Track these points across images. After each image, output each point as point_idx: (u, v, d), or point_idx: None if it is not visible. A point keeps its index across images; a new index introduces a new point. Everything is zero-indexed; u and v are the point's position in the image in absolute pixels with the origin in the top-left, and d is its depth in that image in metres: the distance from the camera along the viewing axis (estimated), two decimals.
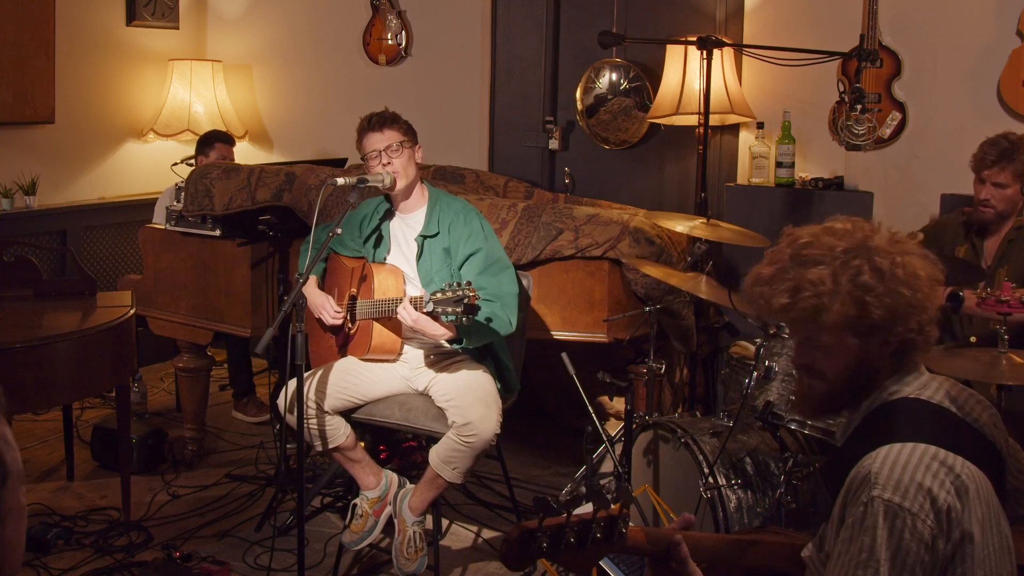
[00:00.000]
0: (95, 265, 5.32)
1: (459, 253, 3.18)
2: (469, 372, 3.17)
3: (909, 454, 1.58)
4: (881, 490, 1.55)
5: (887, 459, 1.58)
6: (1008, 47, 3.85)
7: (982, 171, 3.32)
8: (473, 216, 3.24)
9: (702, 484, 3.01)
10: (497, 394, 3.15)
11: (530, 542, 1.53)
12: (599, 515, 1.58)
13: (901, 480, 1.55)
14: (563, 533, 1.55)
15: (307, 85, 5.67)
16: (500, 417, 3.07)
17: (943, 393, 1.71)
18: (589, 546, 1.59)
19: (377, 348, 3.23)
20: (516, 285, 3.19)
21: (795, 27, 4.26)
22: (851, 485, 1.61)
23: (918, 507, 1.53)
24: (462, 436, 3.01)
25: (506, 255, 3.27)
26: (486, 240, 3.21)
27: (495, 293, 3.10)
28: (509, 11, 5.05)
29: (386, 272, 3.27)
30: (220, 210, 3.97)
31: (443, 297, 2.81)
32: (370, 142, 3.24)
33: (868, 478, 1.58)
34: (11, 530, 1.19)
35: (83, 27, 5.29)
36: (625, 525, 1.62)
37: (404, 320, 2.98)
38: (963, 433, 1.67)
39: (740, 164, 4.47)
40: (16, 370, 3.18)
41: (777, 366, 3.10)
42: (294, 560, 3.13)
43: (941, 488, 1.55)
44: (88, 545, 3.48)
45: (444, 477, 3.09)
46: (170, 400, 5.02)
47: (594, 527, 1.58)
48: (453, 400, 3.08)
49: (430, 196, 3.30)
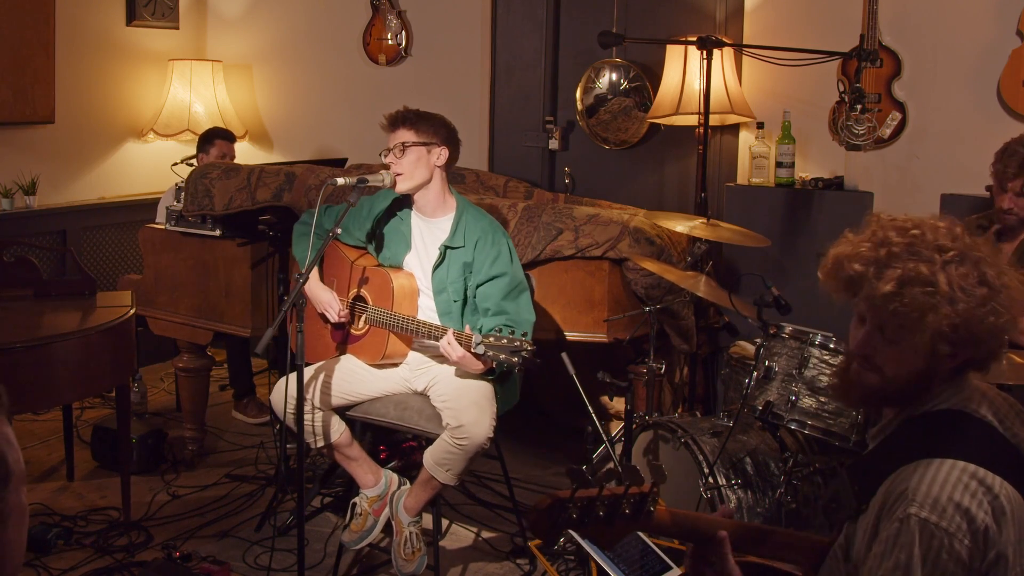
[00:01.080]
0: (95, 265, 5.32)
1: (482, 272, 3.17)
2: (467, 375, 3.17)
3: (948, 472, 1.55)
4: (919, 508, 1.53)
5: (925, 476, 1.55)
6: (1008, 47, 3.85)
7: (1005, 182, 3.32)
8: (501, 236, 3.22)
9: (702, 484, 3.01)
10: (493, 398, 3.15)
11: (561, 511, 1.54)
12: (631, 491, 1.58)
13: (939, 499, 1.53)
14: (594, 506, 1.56)
15: (307, 85, 5.67)
16: (494, 421, 3.07)
17: (987, 406, 1.66)
18: (616, 521, 1.59)
19: (391, 355, 3.25)
20: (533, 311, 3.21)
21: (795, 27, 4.26)
22: (887, 498, 1.59)
23: (955, 527, 1.51)
24: (455, 438, 3.01)
25: (524, 277, 3.27)
26: (512, 263, 3.20)
27: (516, 320, 3.11)
28: (509, 11, 5.05)
29: (403, 277, 3.26)
30: (220, 210, 3.97)
31: (496, 343, 2.81)
32: (388, 139, 3.23)
33: (905, 494, 1.55)
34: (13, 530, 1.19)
35: (83, 27, 5.29)
36: (654, 504, 1.62)
37: (447, 355, 2.98)
38: (1003, 451, 1.63)
39: (740, 164, 4.47)
40: (16, 370, 3.17)
41: (777, 366, 3.10)
42: (294, 560, 3.13)
43: (979, 509, 1.53)
44: (88, 545, 3.48)
45: (438, 479, 3.09)
46: (170, 400, 5.02)
47: (624, 503, 1.58)
48: (449, 402, 3.08)
49: (457, 205, 3.27)
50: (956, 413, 1.64)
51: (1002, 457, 1.61)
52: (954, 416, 1.64)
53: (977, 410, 1.65)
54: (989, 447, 1.61)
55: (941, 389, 1.66)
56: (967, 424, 1.63)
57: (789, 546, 1.82)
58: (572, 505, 1.54)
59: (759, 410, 3.10)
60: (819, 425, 3.02)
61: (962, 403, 1.65)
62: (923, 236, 1.62)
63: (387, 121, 3.23)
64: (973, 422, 1.63)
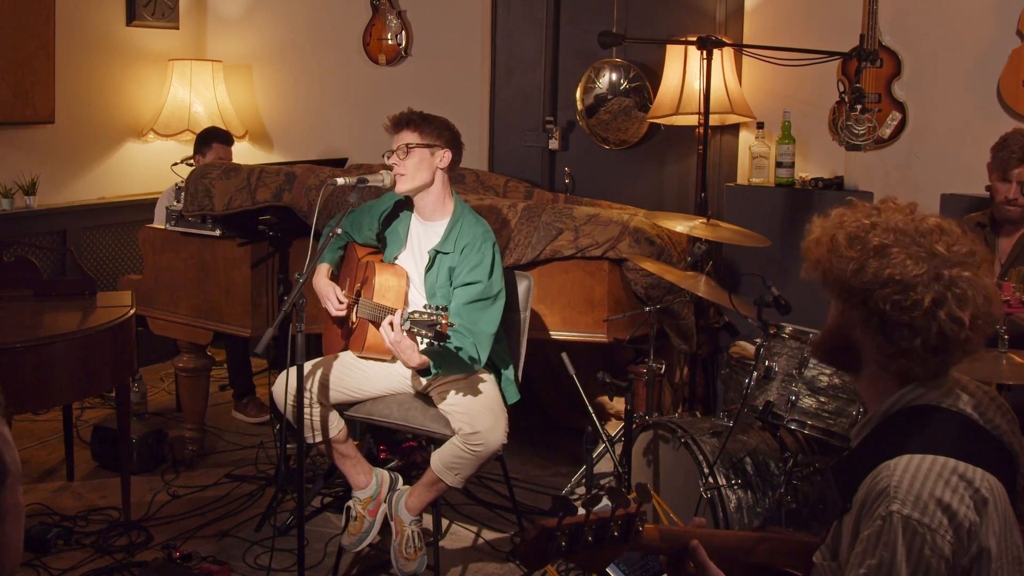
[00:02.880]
0: (95, 265, 5.32)
1: (459, 277, 3.17)
2: (476, 380, 3.17)
3: (929, 467, 1.56)
4: (900, 505, 1.53)
5: (906, 472, 1.56)
6: (1008, 47, 3.85)
7: (1009, 170, 3.29)
8: (488, 246, 3.20)
9: (702, 484, 3.01)
10: (503, 403, 3.16)
11: (548, 541, 1.53)
12: (617, 513, 1.58)
13: (920, 495, 1.53)
14: (582, 532, 1.55)
15: (307, 85, 5.67)
16: (507, 427, 3.09)
17: (966, 399, 1.67)
18: (606, 545, 1.59)
19: (371, 348, 3.24)
20: (496, 325, 3.16)
21: (795, 27, 4.26)
22: (868, 496, 1.59)
23: (937, 523, 1.51)
24: (470, 444, 3.01)
25: (503, 289, 3.22)
26: (490, 276, 3.17)
27: (471, 328, 3.08)
28: (509, 11, 5.05)
29: (389, 272, 3.26)
30: (220, 210, 3.97)
31: (419, 319, 2.79)
32: (391, 141, 3.23)
33: (886, 491, 1.55)
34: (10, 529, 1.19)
35: (83, 27, 5.29)
36: (642, 523, 1.62)
37: (386, 336, 2.93)
38: (983, 442, 1.64)
39: (740, 164, 4.46)
40: (16, 370, 3.18)
41: (777, 366, 3.10)
42: (294, 560, 3.13)
43: (961, 503, 1.53)
44: (88, 545, 3.48)
45: (446, 482, 3.09)
46: (170, 400, 5.02)
47: (612, 526, 1.58)
48: (460, 407, 3.08)
49: (455, 210, 3.26)
50: (934, 408, 1.65)
51: (982, 449, 1.62)
52: (932, 411, 1.65)
53: (955, 404, 1.66)
54: (968, 440, 1.62)
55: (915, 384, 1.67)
56: (946, 418, 1.64)
57: (779, 552, 1.82)
58: (560, 534, 1.53)
59: (759, 410, 3.10)
60: (819, 425, 3.02)
61: (940, 398, 1.66)
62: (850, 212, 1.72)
63: (391, 122, 3.23)
64: (952, 416, 1.64)
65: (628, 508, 1.59)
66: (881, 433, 1.68)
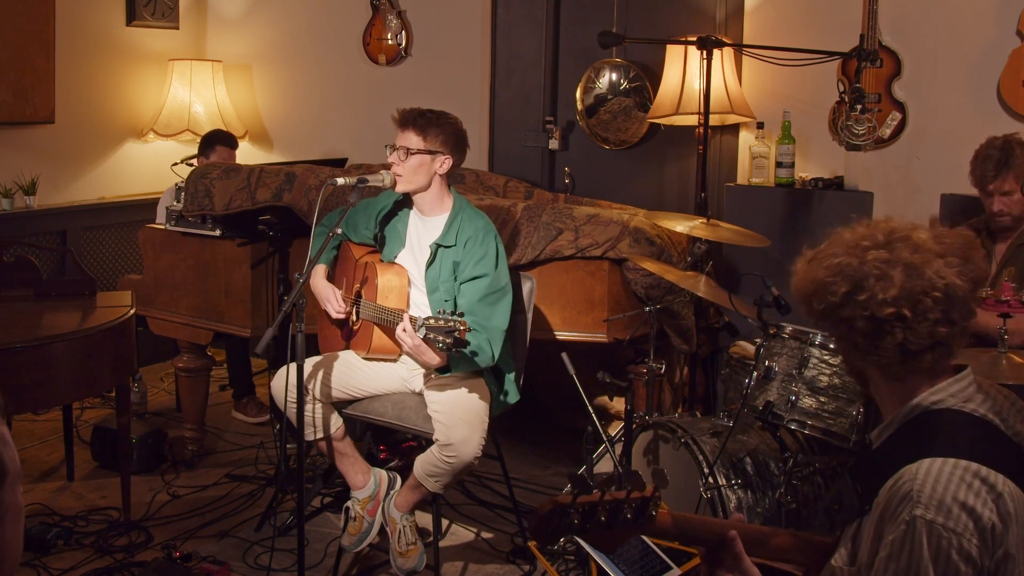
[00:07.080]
0: (95, 265, 5.32)
1: (465, 272, 3.15)
2: (462, 387, 3.15)
3: (951, 471, 1.55)
4: (924, 509, 1.53)
5: (928, 476, 1.55)
6: (1008, 47, 3.85)
7: (986, 186, 3.33)
8: (491, 239, 3.19)
9: (702, 484, 3.01)
10: (485, 415, 3.13)
11: (562, 517, 1.53)
12: (632, 495, 1.58)
13: (944, 499, 1.53)
14: (595, 511, 1.55)
15: (307, 85, 5.67)
16: (483, 439, 3.07)
17: (988, 405, 1.67)
18: (618, 526, 1.59)
19: (377, 349, 3.24)
20: (507, 320, 3.16)
21: (795, 27, 4.26)
22: (890, 500, 1.59)
23: (962, 527, 1.51)
24: (443, 454, 3.02)
25: (509, 282, 3.22)
26: (496, 267, 3.16)
27: (485, 325, 3.07)
28: (509, 11, 5.05)
29: (391, 273, 3.26)
30: (220, 210, 3.97)
31: (436, 325, 2.77)
32: (396, 136, 3.21)
33: (909, 495, 1.55)
34: (9, 529, 1.19)
35: (83, 27, 5.29)
36: (656, 508, 1.62)
37: (403, 342, 2.93)
38: (1004, 448, 1.63)
39: (740, 164, 4.46)
40: (16, 370, 3.18)
41: (777, 366, 3.09)
42: (294, 560, 3.13)
43: (984, 507, 1.53)
44: (88, 545, 3.49)
45: (427, 487, 3.11)
46: (170, 400, 5.02)
47: (625, 508, 1.58)
48: (440, 414, 3.08)
49: (454, 204, 3.25)
50: (955, 412, 1.64)
51: (1004, 455, 1.61)
52: (954, 415, 1.64)
53: (978, 408, 1.65)
54: (991, 445, 1.61)
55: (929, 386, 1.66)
56: (968, 422, 1.63)
57: (789, 548, 1.82)
58: (574, 510, 1.53)
59: (759, 410, 3.09)
60: (819, 425, 3.02)
61: (962, 402, 1.65)
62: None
63: (398, 117, 3.20)
64: (974, 420, 1.63)
65: (644, 491, 1.59)
66: (902, 436, 1.68)
